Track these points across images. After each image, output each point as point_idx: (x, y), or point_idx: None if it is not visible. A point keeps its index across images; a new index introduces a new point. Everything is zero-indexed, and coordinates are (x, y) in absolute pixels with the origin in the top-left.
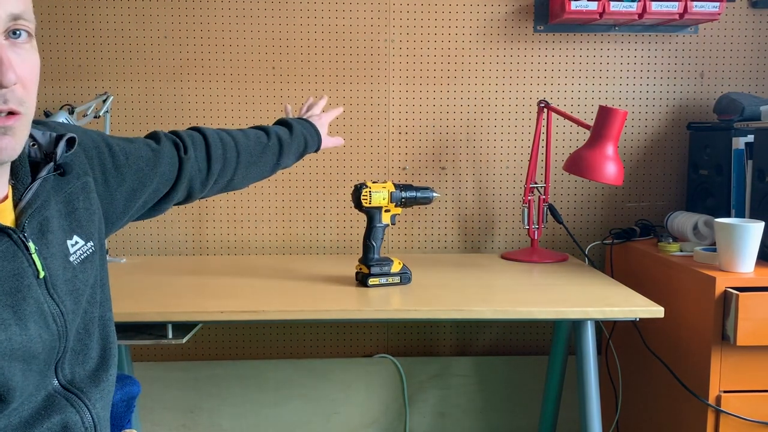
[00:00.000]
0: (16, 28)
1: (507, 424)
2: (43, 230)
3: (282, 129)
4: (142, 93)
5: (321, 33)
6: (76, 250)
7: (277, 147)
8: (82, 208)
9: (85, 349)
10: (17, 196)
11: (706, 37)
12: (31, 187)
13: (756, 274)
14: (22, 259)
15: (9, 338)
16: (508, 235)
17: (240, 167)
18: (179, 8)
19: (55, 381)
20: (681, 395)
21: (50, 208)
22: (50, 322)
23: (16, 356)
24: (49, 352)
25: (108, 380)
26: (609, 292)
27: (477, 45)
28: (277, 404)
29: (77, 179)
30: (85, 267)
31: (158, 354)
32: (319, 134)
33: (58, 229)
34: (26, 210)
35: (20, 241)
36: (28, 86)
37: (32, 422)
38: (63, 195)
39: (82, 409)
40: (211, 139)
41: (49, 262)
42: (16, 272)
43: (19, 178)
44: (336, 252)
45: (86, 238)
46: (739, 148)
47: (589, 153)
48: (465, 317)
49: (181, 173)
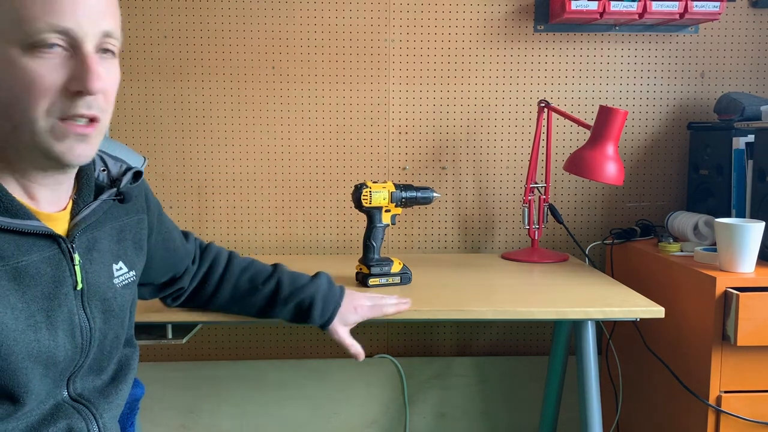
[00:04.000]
0: (106, 47)
1: (507, 424)
2: (91, 247)
3: (291, 278)
4: (142, 93)
5: (321, 33)
6: (120, 275)
7: (268, 294)
8: (131, 240)
9: (100, 370)
10: (76, 210)
11: (707, 37)
12: (90, 205)
13: (756, 274)
14: (65, 268)
15: (38, 340)
16: (509, 235)
17: (220, 293)
18: (179, 8)
19: (65, 392)
20: (681, 395)
21: (103, 230)
22: (77, 333)
23: (40, 360)
24: (68, 363)
25: (118, 395)
26: (609, 292)
27: (477, 45)
28: (277, 404)
29: (134, 214)
30: (125, 292)
31: (158, 354)
32: (337, 307)
33: (107, 251)
34: (80, 224)
35: (67, 250)
36: (110, 98)
37: (37, 427)
38: (118, 223)
39: (89, 418)
40: (216, 265)
41: (90, 278)
42: (56, 279)
43: (82, 194)
44: (336, 252)
45: (130, 266)
46: (739, 148)
47: (589, 153)
48: (465, 317)
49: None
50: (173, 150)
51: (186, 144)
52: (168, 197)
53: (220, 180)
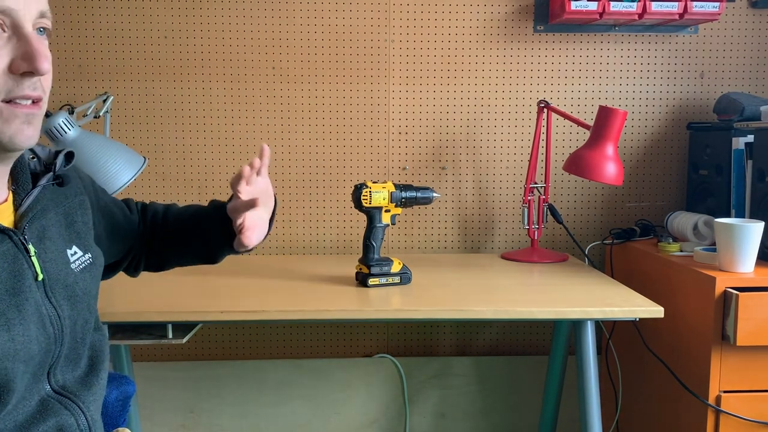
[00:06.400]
0: (42, 26)
1: (507, 424)
2: (42, 236)
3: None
4: (142, 93)
5: (321, 33)
6: (75, 260)
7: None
8: (81, 222)
9: (77, 357)
10: (17, 201)
11: (706, 37)
12: (31, 193)
13: (756, 274)
14: (22, 261)
15: (12, 339)
16: (508, 235)
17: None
18: (179, 8)
19: (48, 386)
20: (681, 395)
21: (49, 217)
22: (47, 324)
23: (18, 357)
24: (44, 355)
25: (99, 384)
26: (609, 292)
27: (477, 45)
28: (277, 404)
29: (75, 196)
30: (85, 276)
31: (158, 354)
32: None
33: (58, 238)
34: (26, 214)
35: (20, 243)
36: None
37: (27, 426)
38: (62, 208)
39: (77, 412)
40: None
41: (48, 267)
42: (16, 273)
43: (20, 184)
44: (336, 252)
45: (84, 249)
46: (739, 148)
47: (589, 153)
48: (465, 317)
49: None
50: (173, 150)
51: (186, 144)
52: (168, 197)
53: (220, 180)
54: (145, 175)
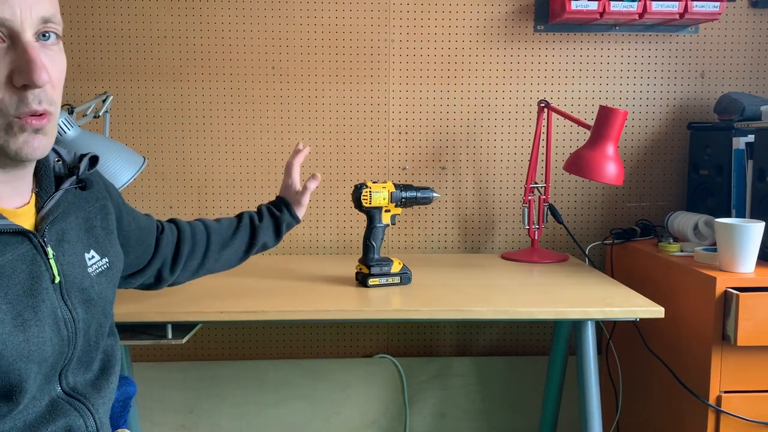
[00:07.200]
0: (46, 31)
1: (507, 424)
2: (61, 239)
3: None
4: (142, 93)
5: (321, 33)
6: (92, 263)
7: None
8: (100, 227)
9: (89, 360)
10: (39, 203)
11: (707, 37)
12: (53, 196)
13: (756, 274)
14: (40, 263)
15: (27, 339)
16: (508, 235)
17: (211, 249)
18: (179, 8)
19: (59, 387)
20: (681, 395)
21: (70, 221)
22: (62, 327)
23: (32, 358)
24: (57, 357)
25: (109, 387)
26: (609, 292)
27: (477, 45)
28: (277, 404)
29: (96, 201)
30: (101, 280)
31: (158, 354)
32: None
33: (77, 241)
34: (47, 217)
35: (39, 245)
36: (57, 86)
37: (36, 426)
38: (83, 212)
39: (86, 414)
40: (181, 223)
41: (66, 270)
42: (34, 275)
43: (43, 187)
44: (336, 252)
45: (102, 253)
46: (739, 148)
47: (589, 153)
48: (465, 317)
49: (156, 251)
50: (173, 150)
51: (186, 144)
52: (168, 197)
53: (220, 180)
54: (144, 175)
